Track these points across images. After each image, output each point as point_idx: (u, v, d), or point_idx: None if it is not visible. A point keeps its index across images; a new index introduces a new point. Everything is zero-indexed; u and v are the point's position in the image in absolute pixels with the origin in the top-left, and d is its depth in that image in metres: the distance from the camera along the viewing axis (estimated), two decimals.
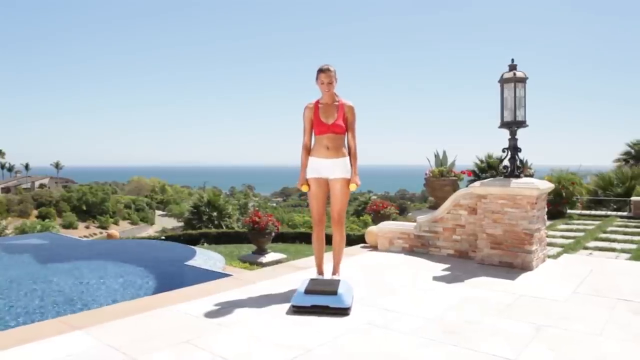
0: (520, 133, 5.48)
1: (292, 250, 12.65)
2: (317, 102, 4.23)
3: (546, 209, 5.62)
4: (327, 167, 4.19)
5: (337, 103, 4.19)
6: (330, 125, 4.13)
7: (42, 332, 3.37)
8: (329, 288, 3.80)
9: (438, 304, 3.97)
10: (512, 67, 5.42)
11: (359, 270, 5.20)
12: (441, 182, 8.58)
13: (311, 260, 5.61)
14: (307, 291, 3.79)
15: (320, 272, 4.32)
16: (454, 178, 8.69)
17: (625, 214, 11.70)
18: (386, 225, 6.45)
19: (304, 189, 4.28)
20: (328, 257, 4.40)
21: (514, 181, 5.20)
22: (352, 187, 4.21)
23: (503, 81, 5.41)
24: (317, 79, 4.15)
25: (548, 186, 5.44)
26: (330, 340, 3.17)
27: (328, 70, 4.11)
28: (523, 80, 5.36)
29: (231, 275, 5.41)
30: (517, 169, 5.40)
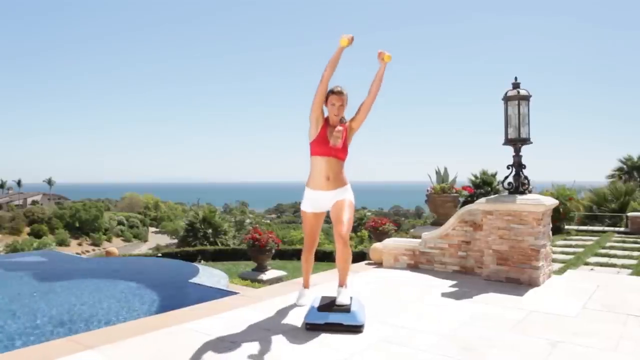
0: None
1: (290, 267, 12.61)
2: (327, 121, 3.94)
3: (551, 225, 5.67)
4: (327, 200, 3.92)
5: (341, 128, 3.92)
6: (334, 148, 3.85)
7: (54, 351, 3.33)
8: (342, 305, 3.79)
9: (450, 320, 3.98)
10: (516, 85, 5.51)
11: (366, 287, 5.19)
12: (443, 198, 8.64)
13: (318, 277, 5.62)
14: (320, 308, 3.78)
15: (307, 286, 4.42)
16: (456, 194, 8.76)
17: (621, 229, 11.81)
18: (391, 242, 6.47)
19: (343, 41, 3.77)
20: (331, 277, 4.33)
21: (520, 197, 5.25)
22: (388, 58, 3.91)
23: (507, 99, 5.49)
24: (327, 100, 3.89)
25: (553, 202, 5.50)
26: (348, 358, 3.16)
27: (341, 93, 3.87)
28: (527, 98, 5.45)
29: (238, 292, 5.38)
30: (522, 185, 5.45)
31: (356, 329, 3.68)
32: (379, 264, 6.51)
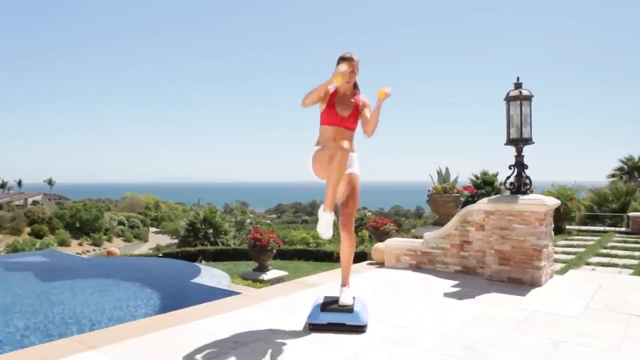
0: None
1: (290, 267, 12.61)
2: (336, 88, 3.83)
3: (552, 225, 5.67)
4: None
5: (353, 99, 3.85)
6: (343, 118, 3.79)
7: (56, 351, 3.33)
8: (344, 305, 3.79)
9: (452, 320, 3.98)
10: (518, 85, 5.51)
11: (368, 287, 5.19)
12: (444, 198, 8.65)
13: (320, 277, 5.63)
14: (323, 309, 3.78)
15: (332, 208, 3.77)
16: (457, 195, 8.77)
17: (622, 229, 11.81)
18: (393, 242, 6.47)
19: (337, 79, 3.57)
20: (333, 277, 4.33)
21: (522, 198, 5.25)
22: (381, 94, 3.69)
23: (509, 99, 5.49)
24: (337, 67, 3.76)
25: (555, 202, 5.50)
26: (351, 358, 3.17)
27: (351, 59, 3.76)
28: (529, 98, 5.45)
29: (240, 292, 5.39)
30: (524, 185, 5.45)
31: (359, 329, 3.68)
32: (381, 264, 6.51)
